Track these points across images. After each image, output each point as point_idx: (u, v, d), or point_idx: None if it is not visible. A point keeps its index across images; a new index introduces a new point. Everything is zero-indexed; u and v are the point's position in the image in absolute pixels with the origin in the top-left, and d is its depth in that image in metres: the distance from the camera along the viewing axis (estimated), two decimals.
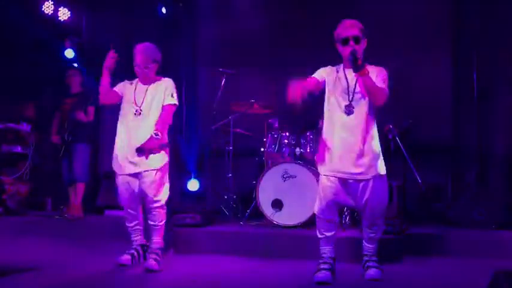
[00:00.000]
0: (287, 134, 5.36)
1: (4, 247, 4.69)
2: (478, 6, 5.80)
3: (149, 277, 3.58)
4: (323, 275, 3.37)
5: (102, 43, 7.01)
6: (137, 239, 4.04)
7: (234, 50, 6.71)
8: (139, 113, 3.88)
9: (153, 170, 3.82)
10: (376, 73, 3.44)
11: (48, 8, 6.81)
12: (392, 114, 5.27)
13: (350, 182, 3.44)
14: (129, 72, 4.00)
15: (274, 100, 5.67)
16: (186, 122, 6.42)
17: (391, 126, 5.29)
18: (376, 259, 3.55)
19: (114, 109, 6.46)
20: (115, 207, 5.86)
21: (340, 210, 3.97)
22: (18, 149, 6.24)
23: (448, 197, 5.85)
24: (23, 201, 6.21)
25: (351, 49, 3.35)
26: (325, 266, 3.43)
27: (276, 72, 6.54)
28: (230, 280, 3.58)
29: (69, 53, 6.57)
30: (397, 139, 5.31)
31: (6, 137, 6.30)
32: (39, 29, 6.75)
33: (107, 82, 3.93)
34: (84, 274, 3.65)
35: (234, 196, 5.58)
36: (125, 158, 3.86)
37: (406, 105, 5.60)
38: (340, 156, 3.42)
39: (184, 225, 4.86)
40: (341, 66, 3.57)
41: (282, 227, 4.87)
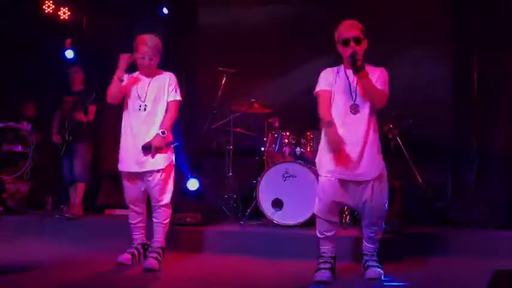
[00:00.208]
0: (287, 134, 5.36)
1: (4, 246, 4.70)
2: (479, 5, 5.79)
3: (149, 276, 3.58)
4: (323, 275, 3.37)
5: (102, 43, 7.07)
6: (138, 237, 4.01)
7: (235, 50, 6.70)
8: (144, 109, 3.82)
9: (158, 171, 3.78)
10: (376, 75, 3.43)
11: (48, 8, 6.81)
12: (392, 113, 5.33)
13: (350, 183, 3.43)
14: (130, 71, 3.98)
15: (274, 99, 5.68)
16: (186, 122, 6.41)
17: (392, 126, 5.30)
18: (376, 259, 3.55)
19: (113, 108, 6.45)
20: (115, 206, 5.88)
21: (340, 210, 3.97)
22: (18, 148, 6.24)
23: (448, 197, 5.84)
24: (23, 200, 6.20)
25: (352, 51, 3.35)
26: (325, 266, 3.43)
27: (277, 71, 6.56)
28: (230, 279, 3.59)
29: (69, 54, 6.59)
30: (398, 139, 5.32)
31: (6, 136, 6.31)
32: (39, 29, 6.76)
33: (121, 85, 3.83)
34: (84, 273, 3.65)
35: (235, 195, 5.57)
36: (131, 156, 3.81)
37: (406, 105, 5.59)
38: (340, 156, 3.41)
39: (184, 224, 4.87)
40: (341, 66, 3.56)
41: (282, 227, 4.88)
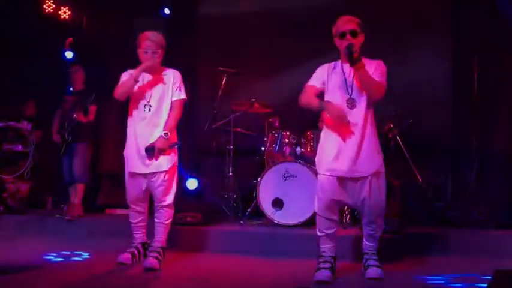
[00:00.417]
0: (288, 133, 5.36)
1: (4, 245, 4.70)
2: (479, 5, 5.79)
3: (149, 276, 3.59)
4: (323, 274, 3.37)
5: (102, 42, 7.06)
6: (139, 236, 4.00)
7: (235, 49, 6.70)
8: (149, 109, 3.79)
9: (162, 172, 3.76)
10: (373, 67, 3.43)
11: (49, 7, 6.81)
12: (392, 113, 5.34)
13: (348, 181, 3.44)
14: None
15: (274, 99, 5.68)
16: (187, 121, 6.42)
17: (392, 125, 5.30)
18: (376, 257, 3.55)
19: (114, 108, 6.45)
20: (116, 206, 5.88)
21: (340, 208, 3.98)
22: (19, 148, 6.24)
23: (448, 197, 5.84)
24: (24, 199, 6.20)
25: (347, 43, 3.36)
26: (325, 265, 3.44)
27: (277, 71, 6.55)
28: (230, 279, 3.59)
29: (68, 55, 6.58)
30: (398, 138, 5.32)
31: (7, 136, 6.30)
32: (40, 28, 6.75)
33: (134, 85, 3.79)
34: (84, 273, 3.65)
35: (235, 195, 5.58)
36: (135, 157, 3.78)
37: (407, 104, 5.59)
38: (337, 154, 3.42)
39: (185, 223, 4.87)
40: (338, 61, 3.57)
41: (283, 226, 4.88)
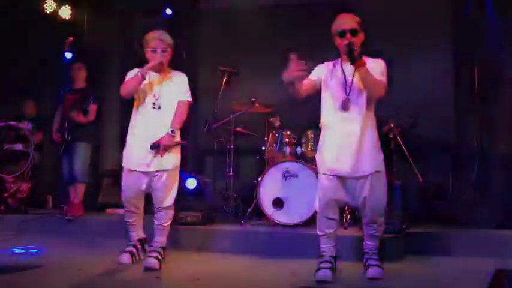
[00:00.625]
0: (288, 133, 5.36)
1: (4, 245, 4.70)
2: (480, 4, 5.78)
3: (150, 276, 3.58)
4: (323, 274, 3.37)
5: (103, 42, 7.06)
6: (135, 234, 3.98)
7: (235, 49, 6.70)
8: (158, 107, 3.78)
9: (165, 172, 3.74)
10: (374, 65, 3.42)
11: (49, 7, 6.81)
12: (393, 113, 5.32)
13: (348, 180, 3.43)
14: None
15: (275, 99, 5.67)
16: (187, 121, 6.41)
17: (392, 125, 5.29)
18: (377, 257, 3.54)
19: (114, 107, 6.45)
20: (116, 205, 5.87)
21: (340, 208, 3.97)
22: (19, 147, 6.24)
23: (449, 196, 5.84)
24: (24, 199, 6.20)
25: (347, 41, 3.35)
26: (325, 265, 3.43)
27: (277, 70, 6.54)
28: (230, 279, 3.58)
29: (68, 55, 6.56)
30: (398, 138, 5.31)
31: (7, 135, 6.31)
32: (40, 27, 6.75)
33: (141, 83, 3.77)
34: (84, 273, 3.65)
35: (235, 195, 5.58)
36: (138, 154, 3.75)
37: (407, 104, 5.59)
38: (337, 153, 3.41)
39: (185, 223, 4.87)
40: (338, 60, 3.56)
41: (283, 226, 4.88)
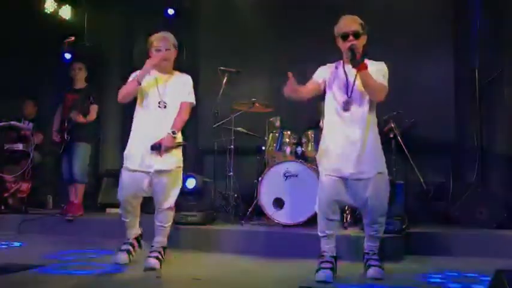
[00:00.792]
0: (288, 133, 5.36)
1: (5, 245, 4.70)
2: (481, 5, 5.79)
3: (150, 275, 3.58)
4: (324, 274, 3.36)
5: (103, 42, 7.07)
6: (132, 232, 3.96)
7: (236, 48, 6.70)
8: (164, 106, 3.77)
9: (166, 172, 3.72)
10: (375, 68, 3.43)
11: (50, 7, 6.82)
12: (393, 113, 5.33)
13: (350, 181, 3.42)
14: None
15: (275, 99, 5.67)
16: (187, 121, 6.43)
17: (393, 125, 5.30)
18: (377, 257, 3.53)
19: (113, 107, 6.43)
20: (116, 205, 5.86)
21: (341, 208, 3.97)
22: (20, 147, 6.24)
23: (450, 196, 5.84)
24: (25, 199, 6.21)
25: (350, 44, 3.35)
26: (326, 265, 3.42)
27: (277, 70, 6.55)
28: (230, 279, 3.58)
29: (67, 56, 6.57)
30: (399, 138, 5.31)
31: (8, 135, 6.31)
32: (40, 27, 6.76)
33: (137, 88, 3.75)
34: (84, 273, 3.64)
35: (235, 195, 5.58)
36: (140, 154, 3.71)
37: (408, 104, 5.59)
38: (339, 154, 3.41)
39: (185, 223, 4.86)
40: (341, 62, 3.57)
41: (283, 226, 4.88)
